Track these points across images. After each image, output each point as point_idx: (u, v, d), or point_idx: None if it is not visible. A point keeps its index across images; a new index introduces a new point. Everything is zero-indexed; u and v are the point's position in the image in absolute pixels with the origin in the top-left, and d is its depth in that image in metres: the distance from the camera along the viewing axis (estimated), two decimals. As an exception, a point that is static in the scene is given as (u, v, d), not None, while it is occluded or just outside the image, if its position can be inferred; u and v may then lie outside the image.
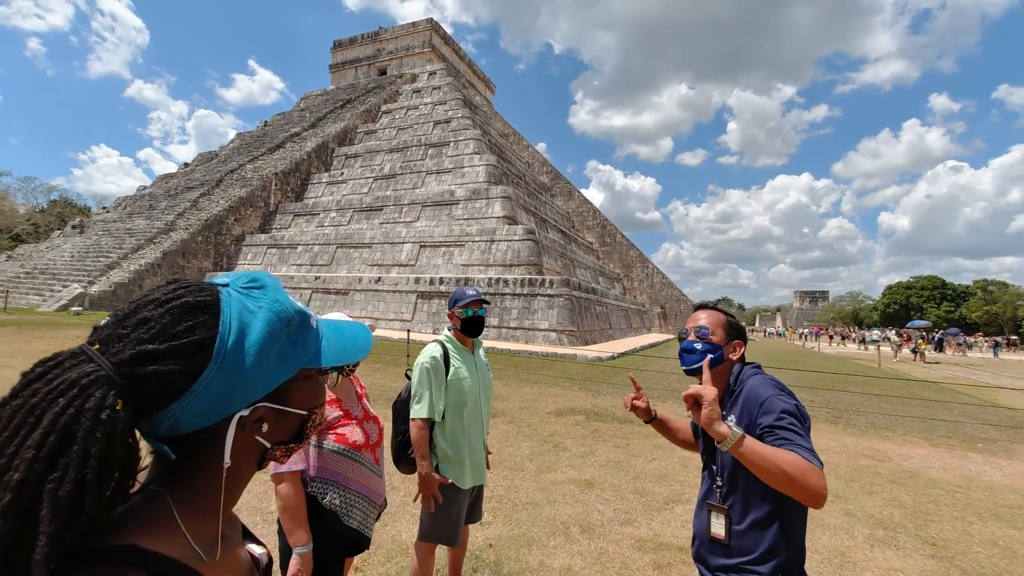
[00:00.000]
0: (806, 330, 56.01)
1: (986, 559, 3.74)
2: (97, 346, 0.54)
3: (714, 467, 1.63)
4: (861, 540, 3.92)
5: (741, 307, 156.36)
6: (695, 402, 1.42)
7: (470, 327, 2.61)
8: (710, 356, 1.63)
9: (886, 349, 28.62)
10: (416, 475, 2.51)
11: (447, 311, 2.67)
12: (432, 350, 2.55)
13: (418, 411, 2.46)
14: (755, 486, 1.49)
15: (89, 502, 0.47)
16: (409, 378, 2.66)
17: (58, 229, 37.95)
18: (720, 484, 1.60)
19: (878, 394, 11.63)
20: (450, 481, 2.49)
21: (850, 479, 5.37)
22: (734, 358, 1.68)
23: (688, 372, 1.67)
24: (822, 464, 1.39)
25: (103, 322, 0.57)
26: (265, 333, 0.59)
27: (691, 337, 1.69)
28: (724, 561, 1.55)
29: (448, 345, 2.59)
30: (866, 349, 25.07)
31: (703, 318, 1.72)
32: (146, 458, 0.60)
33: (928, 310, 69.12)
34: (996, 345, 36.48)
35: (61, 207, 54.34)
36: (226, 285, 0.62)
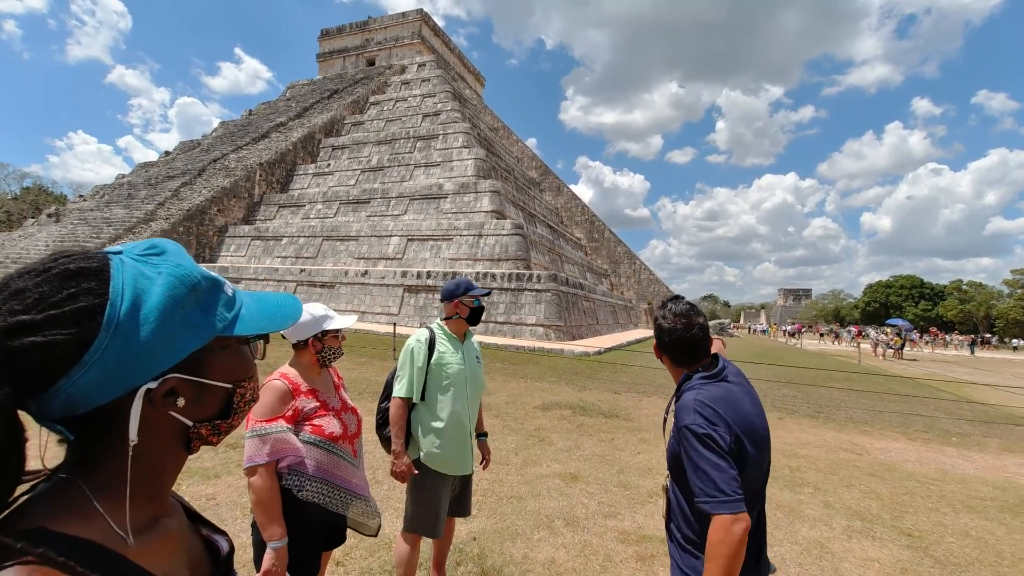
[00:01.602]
0: (789, 327, 56.90)
1: (959, 549, 3.83)
2: None
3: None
4: (839, 531, 3.99)
5: (727, 304, 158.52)
6: None
7: (475, 316, 2.69)
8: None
9: (866, 346, 29.25)
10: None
11: (452, 299, 2.64)
12: (419, 334, 2.60)
13: (398, 389, 2.50)
14: (681, 475, 1.56)
15: None
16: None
17: (32, 217, 36.84)
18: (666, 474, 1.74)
19: (858, 390, 11.87)
20: (433, 469, 2.49)
21: (829, 472, 5.47)
22: (656, 353, 1.78)
23: None
24: (724, 493, 1.37)
25: None
26: (166, 297, 0.54)
27: None
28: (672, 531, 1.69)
29: (437, 331, 2.63)
30: (859, 347, 25.76)
31: None
32: (46, 449, 0.55)
33: (907, 308, 70.87)
34: (973, 343, 37.59)
35: (35, 195, 52.76)
36: (119, 252, 0.57)
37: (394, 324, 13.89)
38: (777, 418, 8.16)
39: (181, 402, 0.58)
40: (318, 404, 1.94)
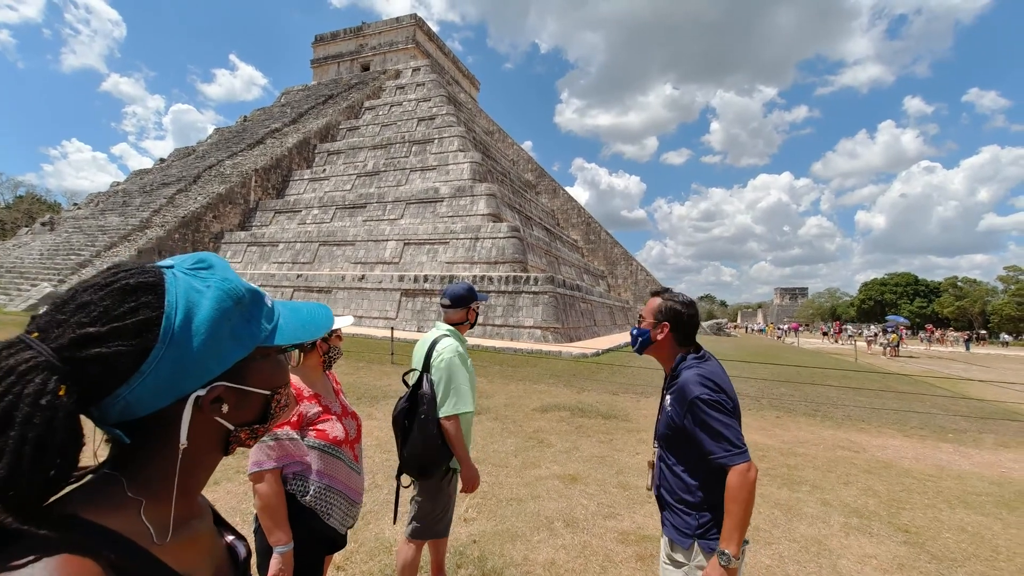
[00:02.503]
0: (785, 326, 57.04)
1: (955, 544, 3.87)
2: (36, 334, 0.53)
3: (655, 440, 2.02)
4: (837, 528, 4.02)
5: (723, 304, 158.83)
6: None
7: (475, 321, 2.72)
8: (640, 338, 1.97)
9: (861, 344, 29.36)
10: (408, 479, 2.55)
11: (465, 305, 2.59)
12: (453, 344, 2.47)
13: (460, 406, 2.36)
14: (679, 444, 1.84)
15: (20, 486, 0.47)
16: (407, 384, 2.49)
17: (26, 226, 36.65)
18: (655, 447, 2.03)
19: (855, 388, 11.93)
20: (454, 470, 2.54)
21: (827, 470, 5.50)
22: (660, 337, 1.93)
23: (636, 352, 2.03)
24: (738, 447, 1.66)
25: (42, 311, 0.56)
26: (215, 311, 0.58)
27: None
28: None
29: (458, 339, 2.58)
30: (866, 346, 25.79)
31: (646, 306, 2.01)
32: (101, 445, 0.59)
33: (902, 306, 71.22)
34: (968, 339, 37.83)
35: (29, 203, 52.48)
36: (171, 267, 0.61)
37: (391, 328, 13.89)
38: (775, 416, 8.20)
39: (225, 408, 0.61)
40: (321, 409, 1.95)
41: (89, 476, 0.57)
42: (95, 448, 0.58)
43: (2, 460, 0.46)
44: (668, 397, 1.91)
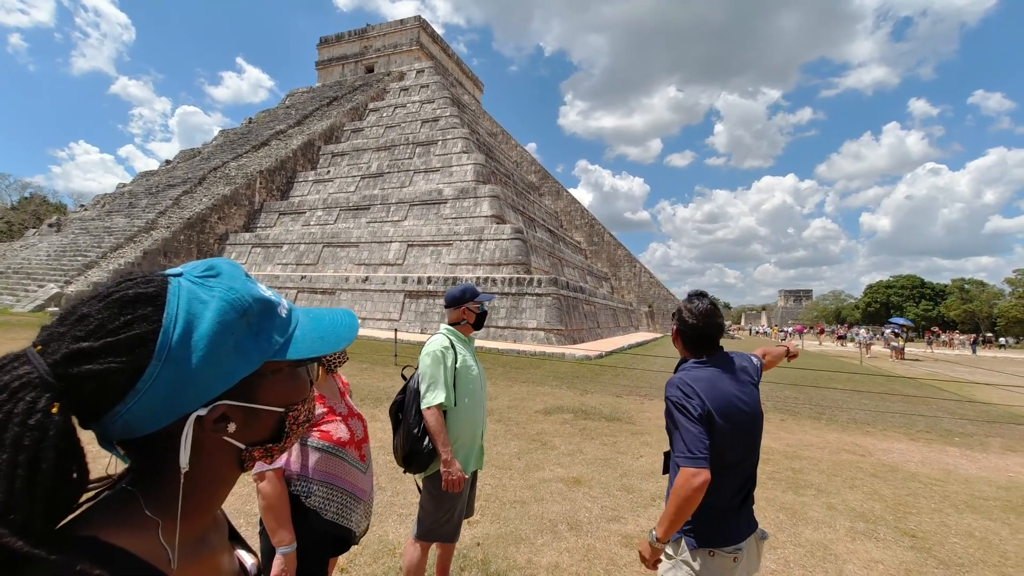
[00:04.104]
0: (789, 329, 56.73)
1: (963, 549, 3.83)
2: (39, 347, 0.51)
3: None
4: (843, 533, 3.99)
5: (727, 306, 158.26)
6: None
7: (480, 320, 2.72)
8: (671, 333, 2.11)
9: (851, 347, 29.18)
10: (415, 475, 2.53)
11: (460, 305, 2.66)
12: (440, 340, 2.57)
13: (433, 398, 2.42)
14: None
15: (20, 510, 0.44)
16: (405, 379, 2.64)
17: (33, 227, 36.94)
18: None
19: (860, 391, 11.85)
20: (466, 476, 2.51)
21: (832, 474, 5.47)
22: (673, 338, 2.06)
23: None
24: (691, 452, 1.70)
25: (50, 321, 0.54)
26: (216, 324, 0.54)
27: None
28: None
29: (451, 337, 2.63)
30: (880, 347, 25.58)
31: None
32: (115, 460, 0.57)
33: (908, 308, 70.72)
34: (975, 342, 37.57)
35: (36, 204, 52.90)
36: (179, 275, 0.57)
37: (395, 330, 13.91)
38: (779, 419, 8.16)
39: (232, 427, 0.57)
40: (325, 410, 1.96)
41: (106, 493, 0.55)
42: (107, 464, 0.56)
43: None
44: None
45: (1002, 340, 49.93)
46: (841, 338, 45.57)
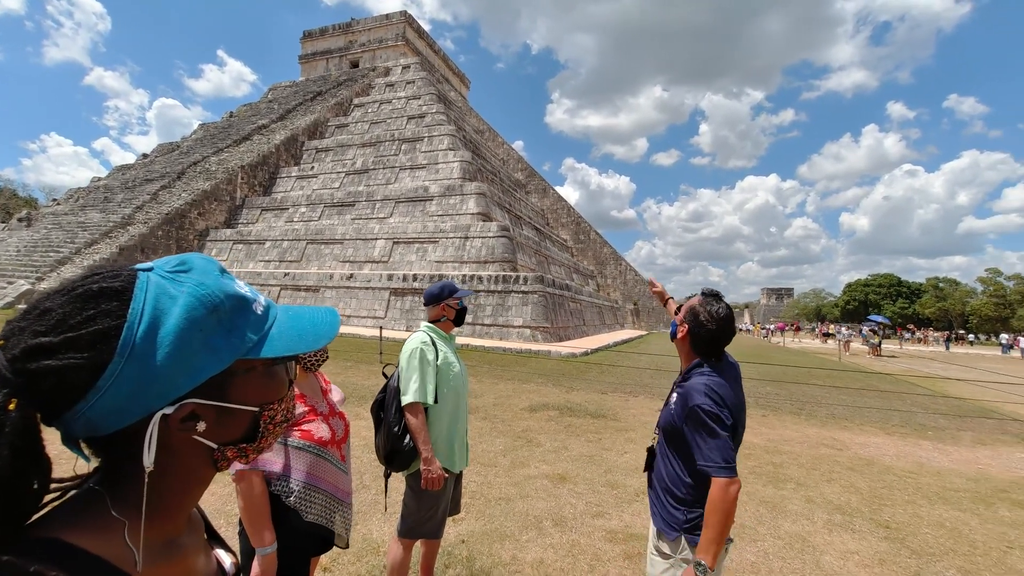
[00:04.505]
0: (771, 326, 57.79)
1: (934, 539, 3.96)
2: (1, 343, 0.49)
3: (657, 427, 2.10)
4: (820, 525, 4.08)
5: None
6: None
7: (460, 317, 2.70)
8: (671, 329, 2.09)
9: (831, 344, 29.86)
10: (399, 473, 2.50)
11: (439, 302, 2.65)
12: (420, 337, 2.56)
13: (413, 395, 2.40)
14: (678, 441, 1.90)
15: None
16: (387, 377, 2.63)
17: (2, 222, 35.75)
18: (656, 433, 2.13)
19: (839, 387, 12.13)
20: (446, 475, 2.48)
21: (811, 468, 5.59)
22: (680, 336, 2.01)
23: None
24: (726, 462, 1.70)
25: (15, 315, 0.52)
26: (184, 320, 0.52)
27: None
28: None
29: (432, 335, 2.62)
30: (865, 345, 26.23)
31: (688, 301, 2.08)
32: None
33: (885, 306, 72.54)
34: (948, 339, 38.75)
35: (6, 198, 51.17)
36: (149, 269, 0.55)
37: (380, 328, 13.80)
38: (761, 415, 8.30)
39: (202, 426, 0.56)
40: (306, 409, 1.93)
41: (72, 493, 0.54)
42: (74, 464, 0.55)
43: None
44: (675, 395, 1.96)
45: (971, 337, 51.84)
46: (827, 335, 46.43)
